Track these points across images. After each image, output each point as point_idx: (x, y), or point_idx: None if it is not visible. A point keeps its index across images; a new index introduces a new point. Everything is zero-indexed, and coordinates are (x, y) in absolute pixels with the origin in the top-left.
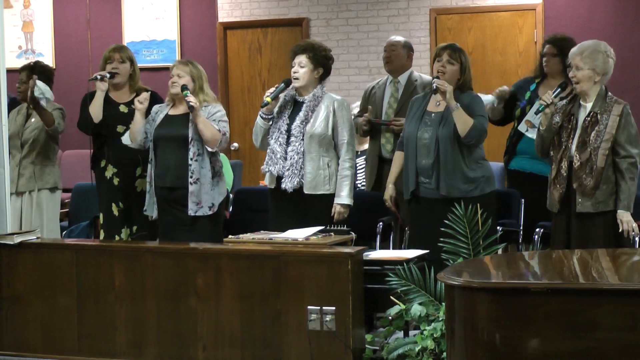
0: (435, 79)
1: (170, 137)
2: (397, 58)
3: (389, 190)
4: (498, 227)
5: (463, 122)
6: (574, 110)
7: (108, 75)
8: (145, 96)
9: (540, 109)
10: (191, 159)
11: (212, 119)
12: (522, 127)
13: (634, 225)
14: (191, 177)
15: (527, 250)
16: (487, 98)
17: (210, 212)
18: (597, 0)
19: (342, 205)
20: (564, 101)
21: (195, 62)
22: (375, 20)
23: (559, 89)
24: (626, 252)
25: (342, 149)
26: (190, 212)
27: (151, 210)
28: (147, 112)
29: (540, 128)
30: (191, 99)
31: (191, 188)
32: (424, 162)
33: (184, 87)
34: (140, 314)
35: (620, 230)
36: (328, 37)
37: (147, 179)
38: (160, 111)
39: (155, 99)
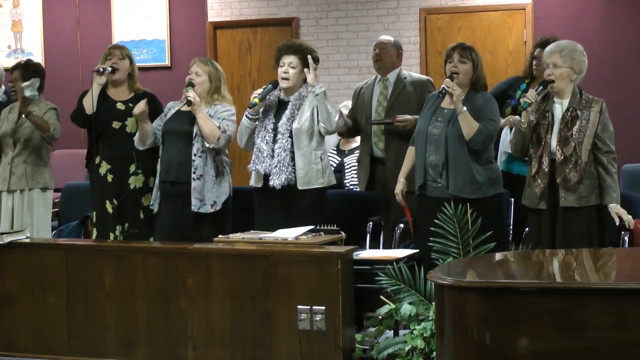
0: (446, 80)
1: (176, 131)
2: (387, 57)
3: (400, 185)
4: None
5: (468, 127)
6: (549, 107)
7: (110, 69)
8: (140, 105)
9: (524, 106)
10: (195, 155)
11: (218, 116)
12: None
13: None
14: (194, 172)
15: (516, 250)
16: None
17: (212, 210)
18: (587, 0)
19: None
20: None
21: (215, 62)
22: (364, 19)
23: (541, 87)
24: (612, 251)
25: None
26: (193, 208)
27: (156, 204)
28: (152, 114)
29: (522, 126)
30: (190, 94)
31: (194, 184)
32: (432, 159)
33: (189, 84)
34: (130, 314)
35: (618, 224)
36: (318, 37)
37: (158, 173)
38: (173, 107)
39: (153, 101)
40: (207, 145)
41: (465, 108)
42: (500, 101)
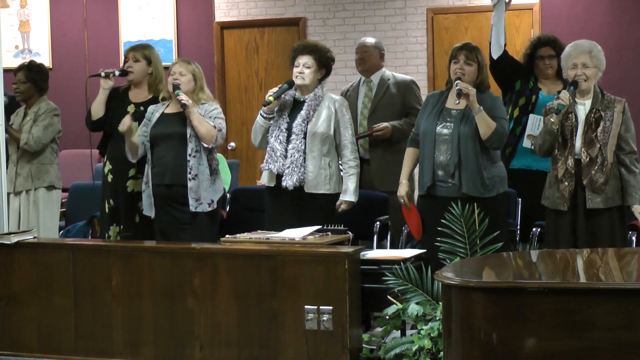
0: (457, 82)
1: (167, 135)
2: (370, 59)
3: (404, 187)
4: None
5: (486, 126)
6: (571, 108)
7: (117, 73)
8: (124, 121)
9: (559, 108)
10: (189, 155)
11: (208, 115)
12: (526, 144)
13: None
14: (190, 173)
15: (524, 250)
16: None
17: (210, 209)
18: (593, 0)
19: (347, 202)
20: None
21: (195, 62)
22: (372, 20)
23: (572, 88)
24: (628, 251)
25: (346, 148)
26: (191, 208)
27: (149, 210)
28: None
29: (553, 127)
30: (183, 97)
31: (190, 184)
32: (442, 159)
33: (175, 87)
34: (137, 314)
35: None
36: (325, 37)
37: (144, 179)
38: (156, 110)
39: None
40: (205, 145)
41: (481, 107)
42: (511, 67)
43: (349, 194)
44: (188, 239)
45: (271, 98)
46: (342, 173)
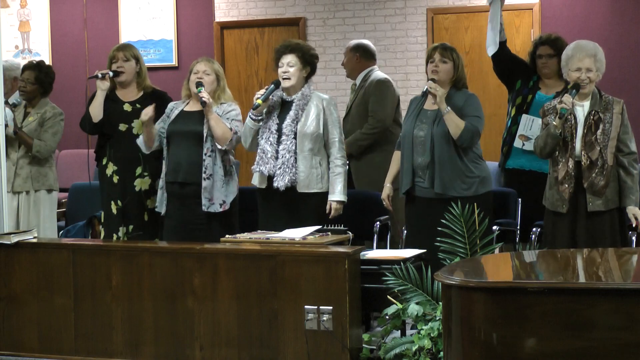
0: (428, 82)
1: (184, 132)
2: (347, 63)
3: (387, 190)
4: (494, 227)
5: (455, 126)
6: (571, 110)
7: (111, 74)
8: (147, 111)
9: (563, 112)
10: (205, 155)
11: (226, 117)
12: (517, 144)
13: None
14: (205, 172)
15: (524, 250)
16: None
17: (221, 210)
18: (593, 0)
19: (337, 202)
20: (555, 101)
21: (216, 61)
22: (372, 20)
23: (575, 91)
24: (628, 251)
25: (333, 146)
26: (204, 208)
27: (162, 207)
28: (160, 113)
29: (556, 131)
30: (204, 95)
31: (204, 184)
32: (420, 160)
33: (199, 84)
34: (137, 314)
35: (635, 225)
36: (325, 37)
37: (162, 174)
38: (176, 107)
39: (164, 99)
40: (219, 147)
41: (449, 108)
42: (511, 65)
43: (337, 194)
44: (200, 239)
45: (259, 101)
46: (329, 172)
